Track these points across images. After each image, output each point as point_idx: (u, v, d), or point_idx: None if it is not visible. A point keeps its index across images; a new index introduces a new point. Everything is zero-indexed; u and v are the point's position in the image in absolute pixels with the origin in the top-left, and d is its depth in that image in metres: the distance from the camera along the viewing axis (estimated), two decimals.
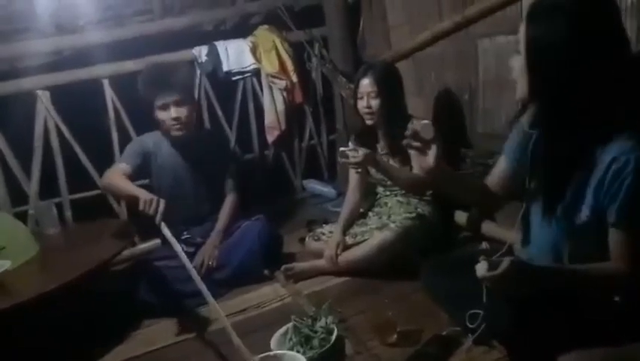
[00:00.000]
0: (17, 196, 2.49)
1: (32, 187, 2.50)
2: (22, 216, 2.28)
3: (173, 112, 2.09)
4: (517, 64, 1.16)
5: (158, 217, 1.79)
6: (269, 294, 1.98)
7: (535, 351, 1.15)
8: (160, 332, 1.83)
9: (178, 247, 1.73)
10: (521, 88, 1.17)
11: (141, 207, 1.81)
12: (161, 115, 2.11)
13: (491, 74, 2.15)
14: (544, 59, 1.09)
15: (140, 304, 1.94)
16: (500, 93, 2.12)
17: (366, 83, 2.07)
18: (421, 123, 1.23)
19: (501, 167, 1.39)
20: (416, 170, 1.31)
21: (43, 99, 2.48)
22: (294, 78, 2.95)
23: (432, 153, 1.22)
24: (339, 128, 3.19)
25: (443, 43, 2.36)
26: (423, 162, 1.24)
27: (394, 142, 2.11)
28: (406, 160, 2.08)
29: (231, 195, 2.28)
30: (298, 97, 2.98)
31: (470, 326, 1.30)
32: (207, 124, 2.92)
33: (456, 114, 2.38)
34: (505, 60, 2.01)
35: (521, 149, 1.30)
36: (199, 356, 1.64)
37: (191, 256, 2.14)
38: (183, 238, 2.18)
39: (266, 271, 2.13)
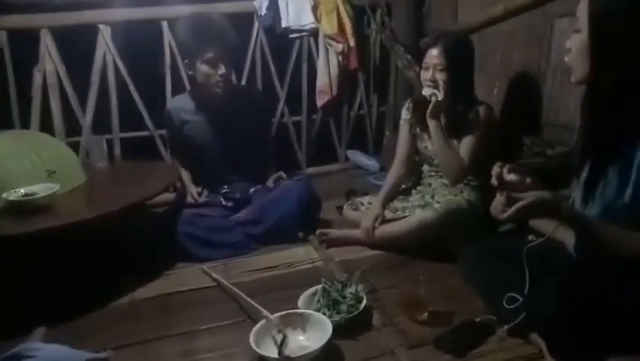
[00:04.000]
0: (72, 127, 2.58)
1: (86, 120, 2.58)
2: (74, 147, 2.35)
3: (222, 68, 2.05)
4: (576, 43, 1.13)
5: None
6: (301, 255, 1.97)
7: (575, 348, 1.09)
8: (191, 275, 1.86)
9: None
10: (580, 69, 1.15)
11: (188, 199, 2.17)
12: (204, 69, 2.06)
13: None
14: (607, 36, 1.06)
15: (176, 248, 1.97)
16: (570, 80, 1.96)
17: (434, 54, 1.94)
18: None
19: None
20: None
21: (105, 34, 2.51)
22: (352, 42, 2.86)
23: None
24: (390, 101, 3.10)
25: (515, 21, 2.21)
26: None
27: (452, 121, 2.01)
28: (458, 140, 1.99)
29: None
30: (353, 62, 2.89)
31: (507, 306, 1.25)
32: (259, 80, 2.90)
33: (520, 98, 2.24)
34: None
35: None
36: (223, 304, 1.65)
37: (229, 209, 2.17)
38: (222, 191, 2.20)
39: (300, 234, 2.12)
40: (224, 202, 2.18)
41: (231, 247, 2.02)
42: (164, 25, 2.60)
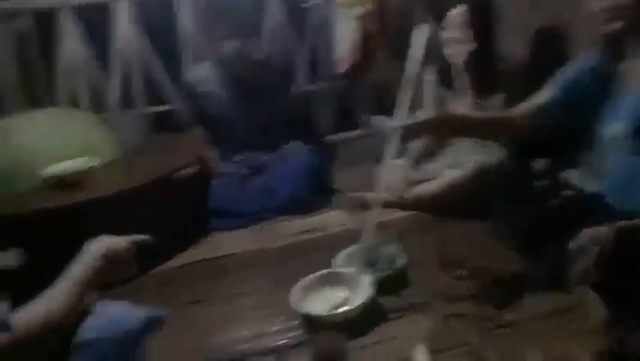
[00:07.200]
0: (96, 104, 2.59)
1: (113, 96, 2.58)
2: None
3: (240, 46, 2.06)
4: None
5: None
6: (332, 219, 1.98)
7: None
8: (228, 240, 1.89)
9: None
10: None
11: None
12: (226, 47, 2.09)
13: None
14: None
15: (211, 215, 2.00)
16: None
17: (455, 15, 1.92)
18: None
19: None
20: None
21: (121, 10, 2.49)
22: (371, 6, 2.80)
23: None
24: None
25: None
26: None
27: (482, 85, 1.99)
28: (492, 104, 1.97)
29: None
30: (375, 26, 2.83)
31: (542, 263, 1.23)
32: (276, 51, 2.85)
33: (546, 51, 2.19)
34: None
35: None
36: (261, 268, 1.68)
37: (244, 178, 2.17)
38: (235, 160, 2.22)
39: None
40: (237, 171, 2.19)
41: (264, 212, 2.03)
42: None
